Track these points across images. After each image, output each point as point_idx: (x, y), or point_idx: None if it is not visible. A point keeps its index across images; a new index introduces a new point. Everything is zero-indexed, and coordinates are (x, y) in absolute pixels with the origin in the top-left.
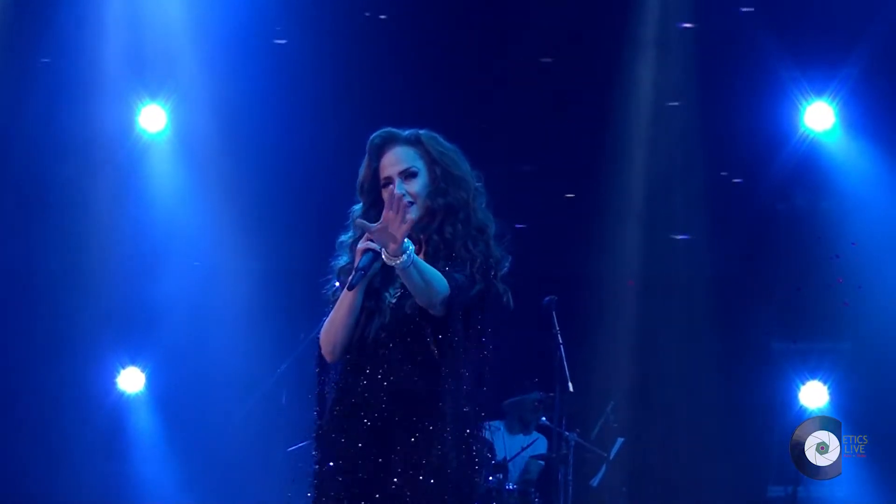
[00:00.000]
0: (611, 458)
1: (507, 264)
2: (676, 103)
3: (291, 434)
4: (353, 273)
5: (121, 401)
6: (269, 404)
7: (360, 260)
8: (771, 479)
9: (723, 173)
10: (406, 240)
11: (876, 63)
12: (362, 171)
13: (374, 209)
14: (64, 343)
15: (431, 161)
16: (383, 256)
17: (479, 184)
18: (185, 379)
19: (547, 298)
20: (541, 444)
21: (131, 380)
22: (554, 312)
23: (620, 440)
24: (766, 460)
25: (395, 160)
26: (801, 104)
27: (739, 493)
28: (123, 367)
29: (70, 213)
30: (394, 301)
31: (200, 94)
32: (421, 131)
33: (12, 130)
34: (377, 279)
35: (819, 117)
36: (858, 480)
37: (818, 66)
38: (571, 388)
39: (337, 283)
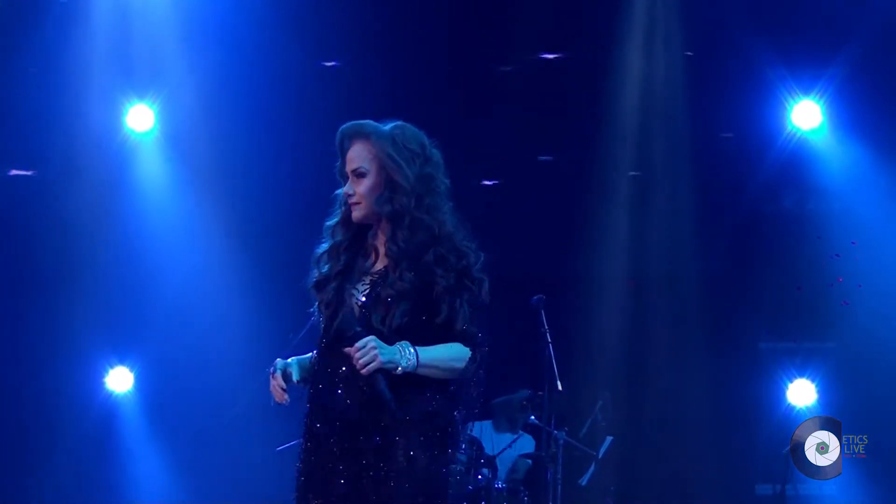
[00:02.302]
0: (600, 456)
1: (478, 259)
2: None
3: (281, 433)
4: (383, 395)
5: (109, 401)
6: (259, 403)
7: (382, 389)
8: (759, 477)
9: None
10: (396, 346)
11: (864, 61)
12: (339, 158)
13: None
14: (52, 342)
15: (379, 164)
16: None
17: (434, 180)
18: (174, 378)
19: (535, 297)
20: (527, 442)
21: (120, 379)
22: (542, 311)
23: (609, 439)
24: (754, 459)
25: (350, 157)
26: (787, 103)
27: (728, 492)
28: (112, 367)
29: (57, 214)
30: (361, 299)
31: (188, 93)
32: (382, 129)
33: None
34: (342, 278)
35: (806, 116)
36: (847, 478)
37: (805, 64)
38: (560, 387)
39: (316, 272)
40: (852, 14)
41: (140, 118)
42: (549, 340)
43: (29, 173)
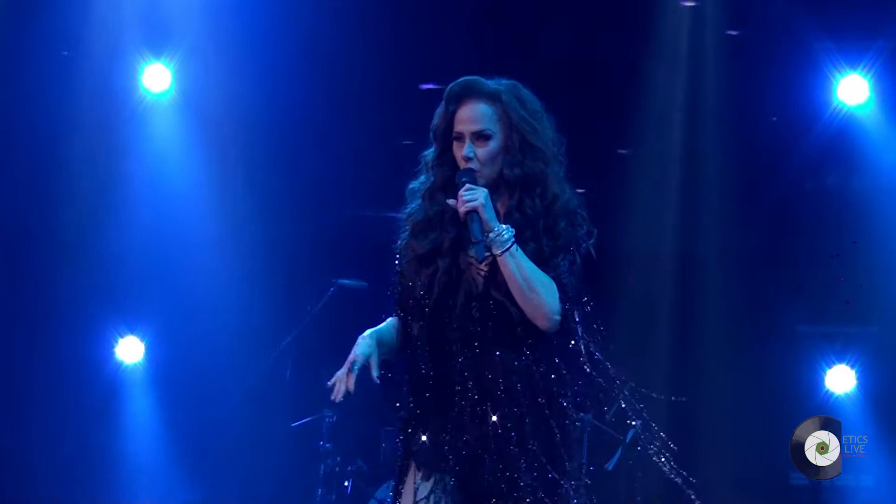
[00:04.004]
0: (627, 441)
1: (591, 233)
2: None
3: (295, 410)
4: (474, 245)
5: (118, 371)
6: (272, 379)
7: (473, 229)
8: (794, 466)
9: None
10: (507, 227)
11: None
12: (438, 115)
13: (445, 156)
14: (59, 311)
15: (509, 125)
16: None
17: (560, 150)
18: (185, 350)
19: None
20: None
21: (130, 350)
22: None
23: (637, 423)
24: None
25: (470, 117)
26: (833, 77)
27: (761, 481)
28: (122, 337)
29: (68, 177)
30: (483, 269)
31: (207, 51)
32: (503, 87)
33: (11, 95)
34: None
35: (853, 90)
36: (884, 468)
37: (852, 37)
38: (588, 369)
39: (406, 236)
40: None
41: (156, 78)
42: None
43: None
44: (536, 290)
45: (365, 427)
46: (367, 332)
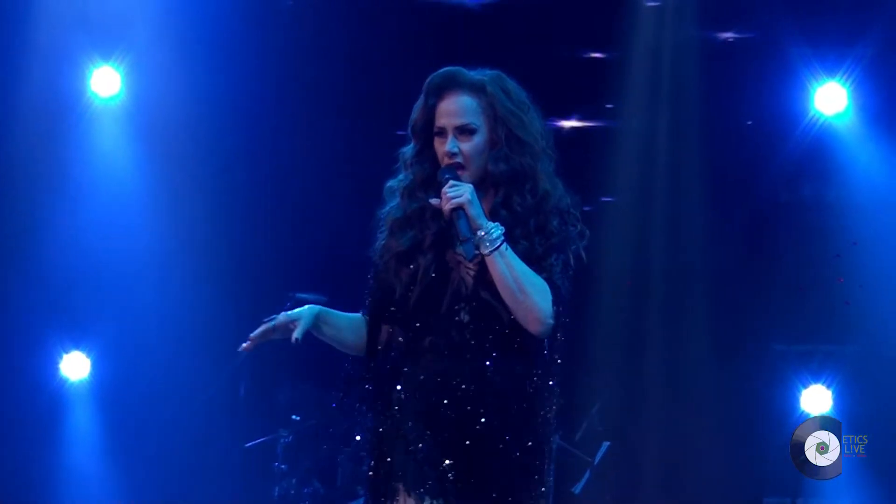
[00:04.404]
0: (595, 463)
1: (583, 234)
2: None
3: (249, 429)
4: (462, 244)
5: (63, 388)
6: (226, 396)
7: (460, 227)
8: (768, 489)
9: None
10: (496, 224)
11: (893, 41)
12: (417, 109)
13: (426, 152)
14: (1, 326)
15: (495, 118)
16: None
17: (549, 144)
18: (134, 367)
19: None
20: None
21: (75, 366)
22: None
23: (606, 444)
24: (763, 469)
25: (453, 110)
26: (811, 85)
27: (734, 502)
28: (67, 352)
29: (10, 185)
30: (471, 269)
31: (159, 54)
32: (487, 77)
33: None
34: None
35: (830, 99)
36: (861, 490)
37: (830, 44)
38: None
39: (385, 236)
40: None
41: (105, 82)
42: None
43: None
44: (528, 293)
45: (322, 448)
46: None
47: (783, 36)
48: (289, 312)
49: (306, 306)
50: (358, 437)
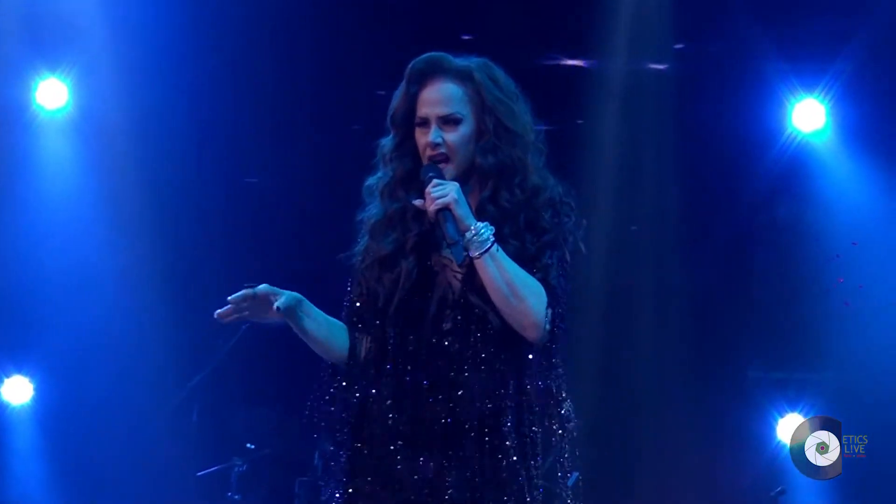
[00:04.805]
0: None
1: (582, 232)
2: None
3: (201, 457)
4: (451, 246)
5: (4, 414)
6: (177, 422)
7: (448, 229)
8: None
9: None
10: (485, 224)
11: (872, 56)
12: (397, 97)
13: (406, 145)
14: None
15: (482, 107)
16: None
17: (539, 138)
18: (79, 391)
19: None
20: None
21: (17, 390)
22: None
23: (575, 475)
24: (738, 501)
25: (437, 99)
26: (788, 102)
27: None
28: (7, 376)
29: None
30: (459, 271)
31: (107, 65)
32: (474, 64)
33: None
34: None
35: (808, 116)
36: None
37: (808, 59)
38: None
39: (366, 240)
40: (861, 4)
41: (51, 94)
42: None
43: None
44: (522, 297)
45: (278, 477)
46: None
47: (760, 50)
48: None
49: (290, 294)
50: (316, 464)
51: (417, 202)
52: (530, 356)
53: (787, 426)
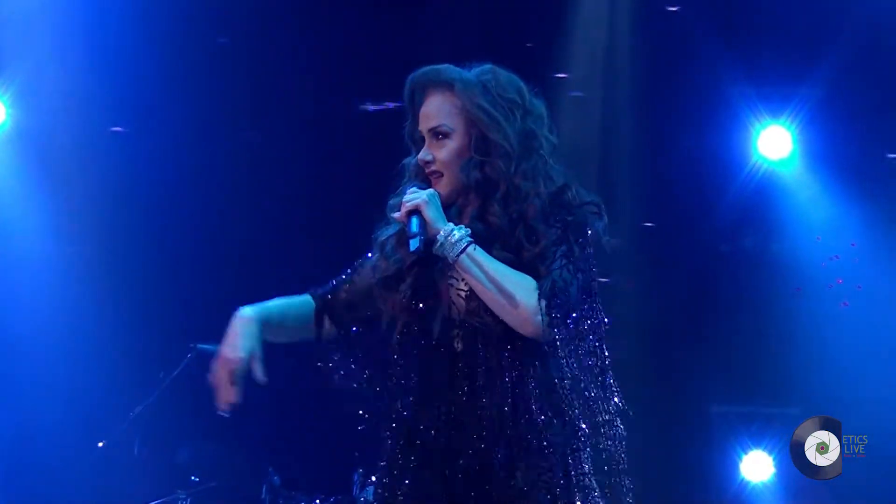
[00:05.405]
0: None
1: (598, 222)
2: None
3: (144, 491)
4: (409, 239)
5: None
6: (118, 454)
7: (410, 223)
8: None
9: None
10: (459, 226)
11: (840, 82)
12: (408, 115)
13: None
14: None
15: (468, 120)
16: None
17: (536, 138)
18: (14, 422)
19: None
20: None
21: None
22: None
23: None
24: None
25: (426, 113)
26: (754, 128)
27: None
28: None
29: None
30: (463, 289)
31: (48, 81)
32: (468, 74)
33: None
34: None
35: (775, 143)
36: None
37: (774, 84)
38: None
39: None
40: (828, 29)
41: None
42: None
43: None
44: (509, 292)
45: None
46: (248, 309)
47: (724, 75)
48: (241, 359)
49: (248, 334)
50: (263, 498)
51: (395, 215)
52: (545, 366)
53: (752, 463)
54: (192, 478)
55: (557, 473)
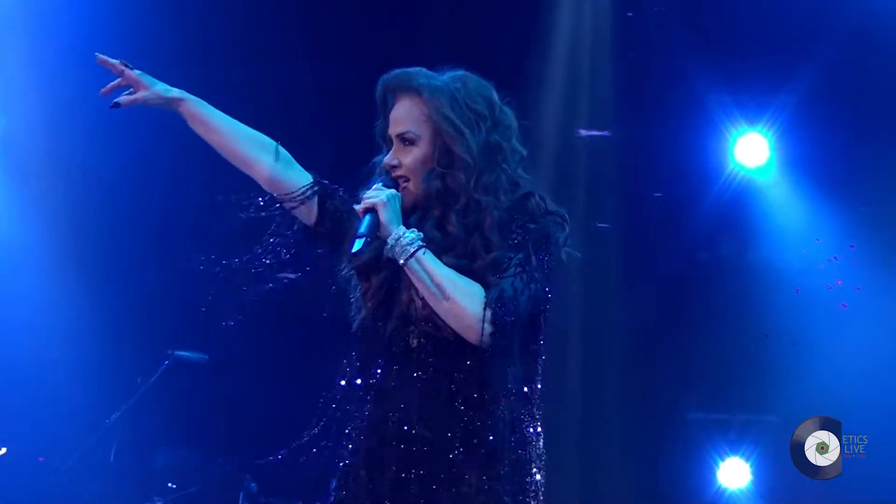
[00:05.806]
0: None
1: (560, 232)
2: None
3: (119, 499)
4: (354, 238)
5: None
6: (94, 460)
7: (361, 222)
8: None
9: (657, 194)
10: (412, 230)
11: (818, 89)
12: (379, 115)
13: None
14: None
15: (434, 129)
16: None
17: (500, 151)
18: None
19: None
20: None
21: None
22: None
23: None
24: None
25: (394, 117)
26: (730, 135)
27: None
28: None
29: None
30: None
31: (26, 88)
32: (438, 81)
33: None
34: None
35: (752, 151)
36: None
37: (751, 92)
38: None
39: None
40: (805, 35)
41: None
42: None
43: None
44: (453, 298)
45: None
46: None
47: (701, 83)
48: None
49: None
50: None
51: (356, 207)
52: (493, 369)
53: (728, 470)
54: (170, 484)
55: (506, 477)
